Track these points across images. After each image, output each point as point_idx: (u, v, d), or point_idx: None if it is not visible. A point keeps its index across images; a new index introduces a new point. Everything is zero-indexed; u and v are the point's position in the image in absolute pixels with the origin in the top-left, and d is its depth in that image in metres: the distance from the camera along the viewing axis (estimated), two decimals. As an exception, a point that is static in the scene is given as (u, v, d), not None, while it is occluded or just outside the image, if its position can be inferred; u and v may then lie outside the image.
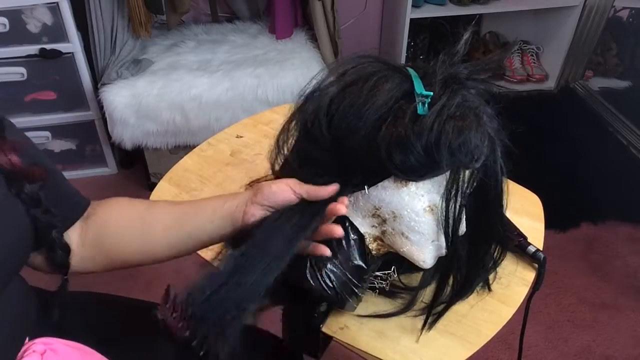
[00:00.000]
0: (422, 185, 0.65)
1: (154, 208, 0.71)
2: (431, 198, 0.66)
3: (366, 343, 0.72)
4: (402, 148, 0.59)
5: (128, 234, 0.69)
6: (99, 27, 1.78)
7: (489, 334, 0.74)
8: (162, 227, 0.68)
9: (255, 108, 1.77)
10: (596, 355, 1.48)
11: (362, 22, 2.37)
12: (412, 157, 0.59)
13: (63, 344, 0.62)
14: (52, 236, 0.64)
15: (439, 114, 0.59)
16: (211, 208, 0.67)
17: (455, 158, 0.59)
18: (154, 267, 1.68)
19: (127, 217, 0.70)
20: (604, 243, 1.82)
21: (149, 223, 0.69)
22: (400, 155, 0.59)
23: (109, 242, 0.69)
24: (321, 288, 0.67)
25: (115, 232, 0.69)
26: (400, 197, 0.65)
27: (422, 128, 0.58)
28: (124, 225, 0.70)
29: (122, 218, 0.70)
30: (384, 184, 0.65)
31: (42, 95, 1.86)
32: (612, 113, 2.29)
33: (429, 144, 0.58)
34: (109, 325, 0.77)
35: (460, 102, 0.60)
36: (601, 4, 2.29)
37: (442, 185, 0.65)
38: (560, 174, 2.00)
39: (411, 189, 0.64)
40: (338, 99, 0.64)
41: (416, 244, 0.67)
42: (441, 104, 0.60)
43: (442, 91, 0.61)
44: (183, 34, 2.05)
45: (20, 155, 0.61)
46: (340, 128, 0.63)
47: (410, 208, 0.65)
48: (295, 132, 0.70)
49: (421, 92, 0.60)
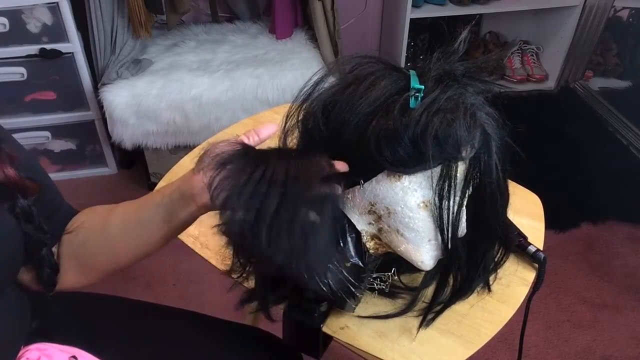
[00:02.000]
0: (415, 179, 0.65)
1: (114, 210, 0.68)
2: (425, 193, 0.65)
3: (366, 343, 0.72)
4: (390, 139, 0.60)
5: (92, 242, 0.67)
6: (99, 27, 1.78)
7: (489, 334, 0.74)
8: (120, 225, 0.65)
9: (255, 108, 1.77)
10: (596, 355, 1.48)
11: (362, 22, 2.37)
12: (400, 149, 0.60)
13: (58, 349, 0.62)
14: (43, 254, 0.62)
15: (428, 106, 0.59)
16: (160, 192, 0.64)
17: (441, 149, 0.59)
18: (154, 268, 1.69)
19: (89, 226, 0.67)
20: (604, 243, 1.82)
21: (109, 226, 0.66)
22: (389, 147, 0.60)
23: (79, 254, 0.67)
24: (320, 288, 0.67)
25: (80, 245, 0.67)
26: (394, 192, 0.65)
27: (409, 120, 0.59)
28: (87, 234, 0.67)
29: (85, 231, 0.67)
30: (377, 177, 0.65)
31: (42, 95, 1.86)
32: (612, 113, 2.29)
33: (415, 135, 0.59)
34: (105, 327, 0.77)
35: (451, 96, 0.61)
36: (601, 4, 2.29)
37: (435, 180, 0.65)
38: (560, 174, 2.00)
39: (404, 184, 0.65)
40: (336, 97, 0.65)
41: (412, 243, 0.67)
42: (432, 97, 0.60)
43: (436, 86, 0.62)
44: (183, 34, 2.05)
45: (16, 167, 0.58)
46: (336, 123, 0.63)
47: (403, 203, 0.65)
48: (296, 130, 0.70)
49: (414, 86, 0.61)
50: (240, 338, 0.87)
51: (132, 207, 0.66)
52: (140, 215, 0.64)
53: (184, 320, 0.87)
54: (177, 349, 0.80)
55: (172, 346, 0.81)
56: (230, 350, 0.83)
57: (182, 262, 1.70)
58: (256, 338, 0.89)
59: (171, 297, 1.61)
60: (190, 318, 0.87)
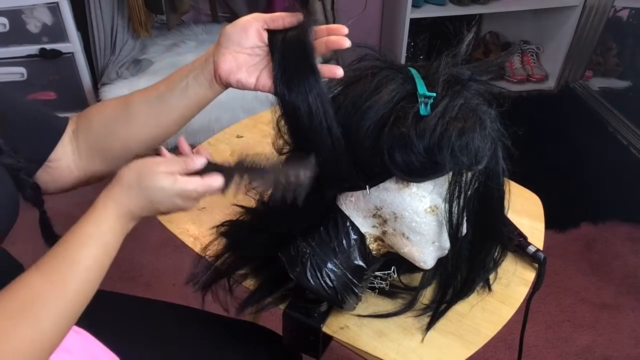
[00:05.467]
0: (424, 186, 0.64)
1: (132, 96, 0.71)
2: (433, 199, 0.65)
3: (366, 343, 0.72)
4: (404, 149, 0.59)
5: (114, 125, 0.70)
6: (99, 27, 1.79)
7: (489, 334, 0.74)
8: (144, 106, 0.69)
9: (255, 108, 1.77)
10: (596, 355, 1.48)
11: (362, 22, 2.37)
12: (414, 158, 0.59)
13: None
14: (20, 177, 0.64)
15: (441, 115, 0.59)
16: (181, 73, 0.67)
17: (457, 160, 0.59)
18: (154, 268, 1.69)
19: (108, 111, 0.71)
20: (604, 243, 1.82)
21: (131, 107, 0.69)
22: (402, 156, 0.59)
23: (100, 140, 0.70)
24: (321, 287, 0.67)
25: (102, 129, 0.70)
26: (401, 198, 0.65)
27: (424, 129, 0.58)
28: (108, 118, 0.70)
29: (104, 116, 0.71)
30: (385, 184, 0.65)
31: (42, 95, 1.86)
32: (612, 113, 2.29)
33: (431, 145, 0.58)
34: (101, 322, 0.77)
35: (463, 104, 0.60)
36: (601, 4, 2.29)
37: (443, 186, 0.65)
38: (560, 174, 2.00)
39: (412, 190, 0.64)
40: (340, 96, 0.64)
41: (417, 245, 0.67)
42: (444, 105, 0.59)
43: (445, 92, 0.61)
44: (183, 34, 2.05)
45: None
46: (343, 127, 0.62)
47: (411, 209, 0.65)
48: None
49: (424, 93, 0.60)
50: (240, 336, 0.87)
51: (153, 95, 0.69)
52: (160, 91, 0.68)
53: (185, 317, 0.87)
54: (177, 346, 0.80)
55: (172, 343, 0.81)
56: (230, 348, 0.83)
57: (182, 262, 1.70)
58: (256, 336, 0.89)
59: (171, 297, 1.60)
60: (191, 315, 0.87)
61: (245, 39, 0.63)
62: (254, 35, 0.63)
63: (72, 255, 0.56)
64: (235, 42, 0.63)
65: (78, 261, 0.56)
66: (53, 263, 0.56)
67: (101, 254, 0.57)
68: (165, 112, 0.68)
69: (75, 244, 0.57)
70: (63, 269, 0.55)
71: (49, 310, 0.53)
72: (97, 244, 0.57)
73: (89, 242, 0.57)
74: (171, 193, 0.59)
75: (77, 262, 0.56)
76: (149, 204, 0.59)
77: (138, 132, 0.70)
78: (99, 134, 0.70)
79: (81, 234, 0.57)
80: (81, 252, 0.56)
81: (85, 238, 0.57)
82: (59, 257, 0.56)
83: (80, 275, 0.56)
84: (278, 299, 0.75)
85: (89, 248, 0.57)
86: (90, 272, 0.57)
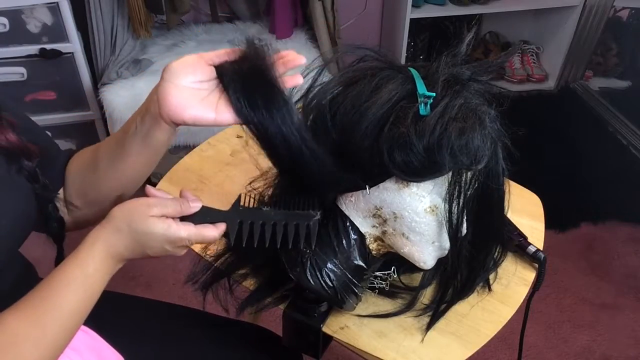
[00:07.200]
0: (424, 186, 0.64)
1: (102, 142, 0.71)
2: (432, 199, 0.65)
3: (366, 343, 0.72)
4: (403, 149, 0.59)
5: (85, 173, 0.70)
6: (99, 27, 1.78)
7: (489, 333, 0.74)
8: (106, 153, 0.68)
9: (255, 108, 1.76)
10: (596, 355, 1.48)
11: (362, 22, 2.37)
12: (414, 158, 0.59)
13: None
14: (49, 210, 0.65)
15: (441, 115, 0.59)
16: (134, 114, 0.65)
17: (457, 160, 0.59)
18: (154, 268, 1.69)
19: (83, 158, 0.72)
20: (604, 243, 1.82)
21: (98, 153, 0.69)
22: (402, 156, 0.59)
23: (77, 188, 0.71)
24: (321, 287, 0.67)
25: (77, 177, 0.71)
26: (401, 198, 0.65)
27: (424, 129, 0.58)
28: (82, 165, 0.71)
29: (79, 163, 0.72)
30: (385, 184, 0.65)
31: (42, 95, 1.86)
32: (612, 113, 2.29)
33: (431, 145, 0.58)
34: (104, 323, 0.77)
35: (463, 104, 0.60)
36: (601, 4, 2.29)
37: (443, 186, 0.65)
38: (560, 174, 2.00)
39: (412, 190, 0.64)
40: (340, 96, 0.64)
41: (417, 245, 0.67)
42: (443, 105, 0.59)
43: (445, 92, 0.61)
44: (183, 34, 2.05)
45: (17, 132, 0.62)
46: (343, 125, 0.62)
47: (411, 209, 0.65)
48: None
49: (424, 93, 0.60)
50: (240, 336, 0.87)
51: (113, 141, 0.68)
52: (117, 136, 0.67)
53: (185, 318, 0.87)
54: (178, 346, 0.81)
55: (173, 343, 0.81)
56: (230, 349, 0.83)
57: (182, 262, 1.70)
58: (256, 336, 0.89)
59: (171, 297, 1.61)
60: (191, 316, 0.87)
61: (193, 73, 0.60)
62: (200, 71, 0.61)
63: (55, 300, 0.55)
64: (180, 76, 0.59)
65: (60, 305, 0.55)
66: (34, 305, 0.54)
67: (85, 297, 0.57)
68: (124, 157, 0.65)
69: (58, 288, 0.55)
70: (44, 313, 0.54)
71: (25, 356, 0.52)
72: (82, 288, 0.56)
73: (73, 285, 0.56)
74: (162, 239, 0.58)
75: (59, 306, 0.55)
76: (139, 247, 0.59)
77: (104, 178, 0.68)
78: (74, 182, 0.71)
79: (67, 277, 0.56)
80: (65, 296, 0.55)
81: (70, 281, 0.56)
82: (42, 300, 0.55)
83: (62, 321, 0.55)
84: (278, 299, 0.75)
85: (73, 292, 0.56)
86: (72, 316, 0.56)
